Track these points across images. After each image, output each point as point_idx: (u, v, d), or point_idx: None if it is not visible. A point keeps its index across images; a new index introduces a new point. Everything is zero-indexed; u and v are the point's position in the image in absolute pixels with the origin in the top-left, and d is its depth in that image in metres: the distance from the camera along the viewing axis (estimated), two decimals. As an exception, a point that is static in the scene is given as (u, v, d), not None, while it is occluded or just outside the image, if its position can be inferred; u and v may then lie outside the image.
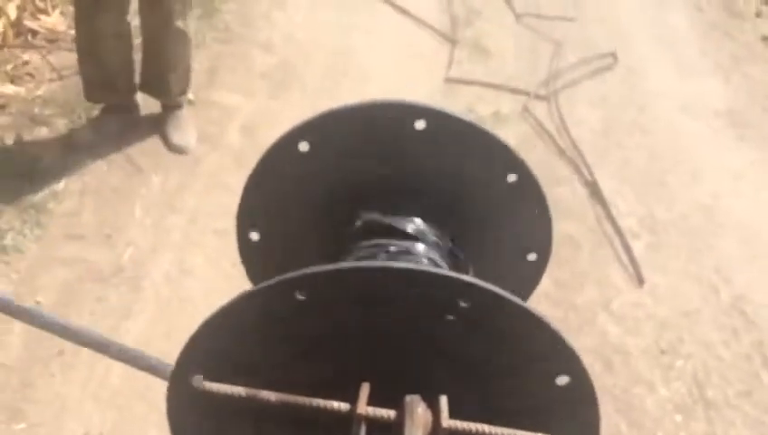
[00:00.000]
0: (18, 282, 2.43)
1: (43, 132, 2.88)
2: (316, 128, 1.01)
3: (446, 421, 0.77)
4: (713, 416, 2.43)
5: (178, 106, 3.10)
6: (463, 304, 0.77)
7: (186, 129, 3.10)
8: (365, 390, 0.80)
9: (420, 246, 1.04)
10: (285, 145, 1.02)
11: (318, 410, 0.79)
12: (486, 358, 0.82)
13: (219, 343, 0.82)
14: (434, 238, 1.07)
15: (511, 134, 3.58)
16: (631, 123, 3.75)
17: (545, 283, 3.11)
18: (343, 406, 0.78)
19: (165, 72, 2.97)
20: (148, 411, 2.06)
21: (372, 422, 0.78)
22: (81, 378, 2.17)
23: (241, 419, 0.85)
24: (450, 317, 0.79)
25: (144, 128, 3.10)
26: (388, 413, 0.78)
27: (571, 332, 2.65)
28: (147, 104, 3.14)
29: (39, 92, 3.25)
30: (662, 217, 3.23)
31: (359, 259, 1.01)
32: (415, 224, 1.06)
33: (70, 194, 2.77)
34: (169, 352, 2.33)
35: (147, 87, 3.06)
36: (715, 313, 2.81)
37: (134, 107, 3.11)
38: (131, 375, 2.18)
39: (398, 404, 0.79)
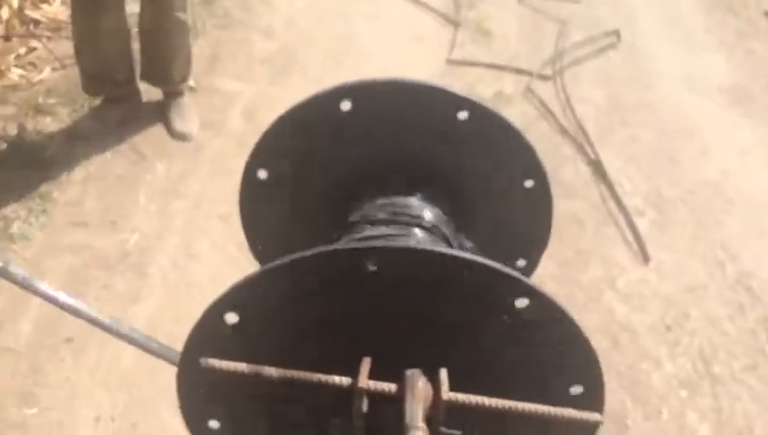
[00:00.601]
0: (26, 269, 2.44)
1: (46, 122, 2.88)
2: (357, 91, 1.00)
3: (447, 394, 0.78)
4: (719, 391, 2.43)
5: (180, 93, 3.10)
6: (465, 281, 0.78)
7: (188, 116, 3.10)
8: (366, 364, 0.80)
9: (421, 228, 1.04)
10: (326, 101, 1.00)
11: (320, 385, 0.80)
12: (481, 327, 0.82)
13: (226, 326, 0.83)
14: (439, 221, 1.07)
15: (514, 114, 3.56)
16: (636, 101, 3.73)
17: (550, 262, 3.09)
18: (345, 380, 0.79)
19: (166, 61, 2.97)
20: (159, 394, 2.08)
21: (374, 396, 0.79)
22: (90, 363, 2.18)
23: (250, 400, 0.86)
24: (452, 293, 0.79)
25: (146, 116, 3.10)
26: (389, 386, 0.79)
27: (576, 310, 2.66)
28: (148, 92, 3.15)
29: (42, 82, 3.26)
30: (668, 194, 3.22)
31: (359, 239, 1.02)
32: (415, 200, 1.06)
33: (74, 182, 2.78)
34: (178, 335, 2.35)
35: (148, 76, 3.06)
36: (721, 289, 2.80)
37: (135, 95, 3.10)
38: (141, 359, 2.21)
39: (399, 379, 0.80)
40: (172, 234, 2.66)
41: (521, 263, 1.14)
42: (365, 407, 0.79)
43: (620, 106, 3.69)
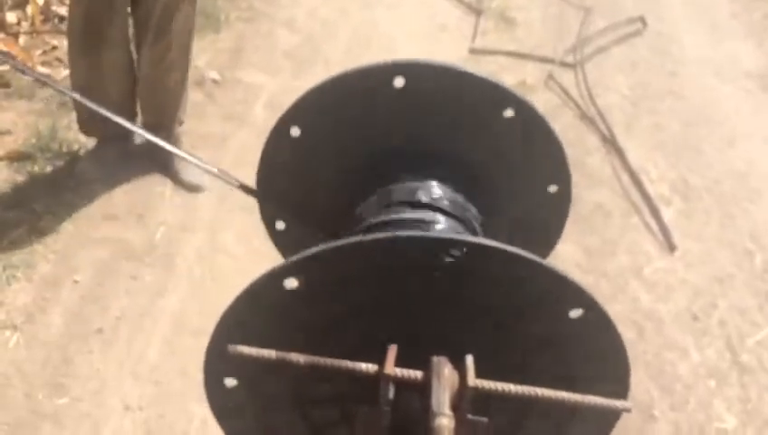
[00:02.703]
0: (55, 262, 2.49)
1: (74, 118, 2.90)
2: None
3: (473, 381, 0.78)
4: (747, 381, 2.41)
5: (177, 139, 2.84)
6: (491, 268, 0.78)
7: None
8: (392, 351, 0.81)
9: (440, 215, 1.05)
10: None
11: (347, 371, 0.80)
12: (508, 311, 0.83)
13: (253, 316, 0.84)
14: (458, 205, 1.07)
15: (537, 103, 3.55)
16: (662, 89, 3.69)
17: (576, 250, 3.07)
18: (371, 367, 0.80)
19: (163, 105, 2.77)
20: (187, 387, 2.10)
21: (400, 383, 0.80)
22: (119, 354, 2.22)
23: (277, 382, 0.87)
24: (478, 277, 0.80)
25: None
26: (416, 374, 0.80)
27: (602, 300, 2.64)
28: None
29: (68, 78, 3.29)
30: (694, 182, 3.18)
31: (396, 223, 1.02)
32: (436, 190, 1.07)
33: (103, 176, 2.81)
34: (204, 328, 2.39)
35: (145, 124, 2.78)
36: (749, 278, 2.77)
37: (131, 136, 2.84)
38: (170, 352, 2.25)
39: (425, 365, 0.80)
40: (197, 226, 2.69)
41: (553, 189, 1.14)
42: (391, 394, 0.80)
43: (645, 94, 3.65)
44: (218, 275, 2.50)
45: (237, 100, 3.31)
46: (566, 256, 2.61)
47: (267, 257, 1.10)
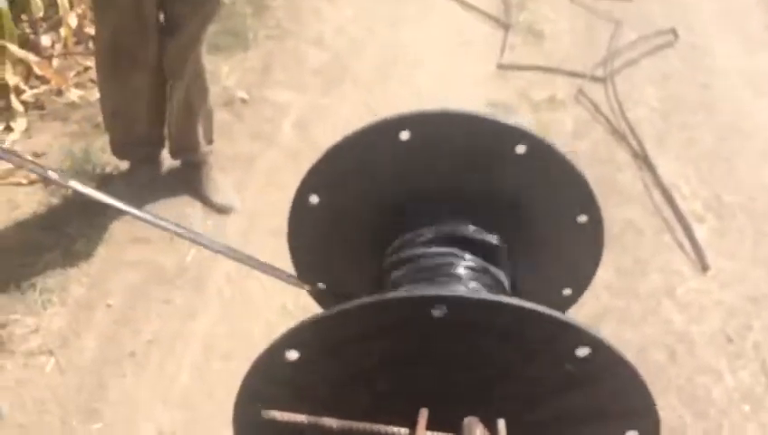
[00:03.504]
0: (89, 285, 2.54)
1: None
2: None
3: None
4: (784, 406, 2.36)
5: (205, 162, 2.88)
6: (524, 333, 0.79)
7: (222, 186, 2.89)
8: (423, 415, 0.81)
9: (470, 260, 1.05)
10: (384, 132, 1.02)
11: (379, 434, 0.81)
12: (539, 373, 0.83)
13: (266, 387, 0.84)
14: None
15: (567, 119, 3.53)
16: (694, 102, 3.64)
17: (607, 271, 3.04)
18: (403, 431, 0.80)
19: (188, 125, 2.76)
20: (218, 412, 2.12)
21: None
22: (151, 379, 2.25)
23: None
24: (512, 343, 0.80)
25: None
26: None
27: (633, 322, 2.62)
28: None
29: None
30: (728, 199, 3.13)
31: (415, 275, 1.03)
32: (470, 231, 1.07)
33: (134, 198, 2.86)
34: (233, 352, 2.41)
35: (173, 149, 2.88)
36: (786, 299, 2.72)
37: (160, 161, 2.93)
38: (200, 376, 2.28)
39: (455, 427, 0.80)
40: (227, 249, 2.71)
41: (566, 292, 1.14)
42: None
43: (677, 107, 3.60)
44: (247, 299, 2.52)
45: (265, 118, 3.34)
46: (596, 277, 2.58)
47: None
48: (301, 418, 0.82)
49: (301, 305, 2.34)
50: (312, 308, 1.15)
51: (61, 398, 2.18)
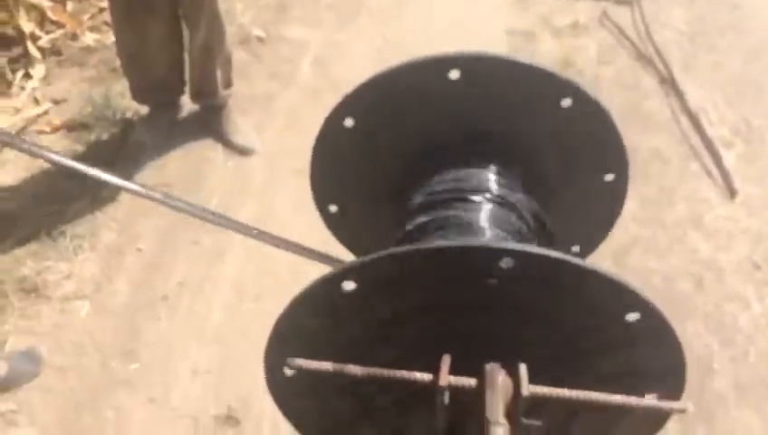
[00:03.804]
0: (118, 231, 2.57)
1: (126, 84, 2.94)
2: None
3: (527, 390, 0.79)
4: (811, 332, 2.36)
5: (225, 105, 2.88)
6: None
7: (243, 128, 2.89)
8: (446, 361, 0.82)
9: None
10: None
11: (402, 381, 0.82)
12: (561, 316, 0.83)
13: (309, 318, 0.86)
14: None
15: (590, 45, 3.44)
16: (723, 24, 3.52)
17: (632, 201, 3.02)
18: (426, 377, 0.81)
19: (207, 69, 2.75)
20: (251, 349, 2.17)
21: (454, 390, 0.82)
22: (184, 320, 2.31)
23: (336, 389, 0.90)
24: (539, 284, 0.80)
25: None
26: (470, 382, 0.81)
27: (660, 252, 2.61)
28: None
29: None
30: (757, 123, 3.06)
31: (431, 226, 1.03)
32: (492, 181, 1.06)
33: (156, 143, 2.87)
34: (261, 292, 2.43)
35: (191, 94, 2.88)
36: (816, 223, 2.68)
37: (180, 105, 2.94)
38: (231, 316, 2.32)
39: (477, 371, 0.82)
40: (250, 191, 2.73)
41: (575, 248, 1.15)
42: (447, 399, 0.82)
43: (705, 29, 3.49)
44: (274, 239, 2.55)
45: (283, 57, 3.30)
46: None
47: (318, 221, 1.14)
48: (326, 365, 0.84)
49: (324, 245, 2.35)
50: (335, 246, 1.17)
51: (98, 341, 2.25)
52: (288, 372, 0.90)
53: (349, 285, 0.83)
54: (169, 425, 2.07)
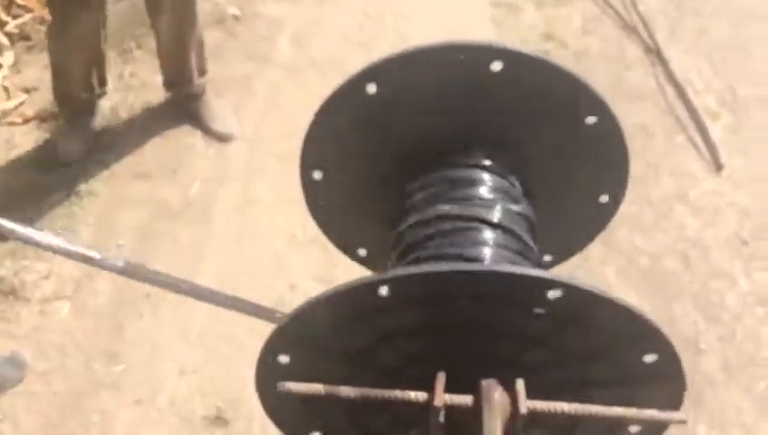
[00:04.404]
0: (96, 226, 2.52)
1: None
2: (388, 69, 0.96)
3: (524, 407, 0.77)
4: (798, 309, 2.37)
5: (202, 92, 2.79)
6: (551, 297, 0.78)
7: (222, 113, 2.81)
8: (441, 379, 0.80)
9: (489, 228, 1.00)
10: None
11: (397, 401, 0.80)
12: (573, 344, 0.82)
13: (306, 331, 0.84)
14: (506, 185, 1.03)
15: (574, 15, 3.37)
16: (708, -13, 3.45)
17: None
18: (421, 396, 0.79)
19: (180, 57, 2.66)
20: (237, 347, 2.15)
21: (450, 408, 0.79)
22: (168, 319, 2.27)
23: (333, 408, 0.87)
24: (538, 311, 0.79)
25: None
26: (466, 400, 0.79)
27: (646, 229, 2.59)
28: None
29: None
30: (744, 92, 3.02)
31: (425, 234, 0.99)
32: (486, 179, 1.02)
33: (131, 131, 2.80)
34: (244, 287, 2.37)
35: (168, 84, 2.80)
36: (803, 196, 2.67)
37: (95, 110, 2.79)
38: (215, 316, 2.29)
39: (473, 388, 0.79)
40: (231, 178, 2.67)
41: (547, 258, 1.12)
42: (442, 418, 0.79)
43: (691, -6, 3.42)
44: (255, 230, 2.50)
45: (260, 36, 3.20)
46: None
47: (302, 207, 1.09)
48: (317, 388, 0.81)
49: (309, 236, 2.32)
50: (321, 240, 1.13)
51: (80, 342, 2.21)
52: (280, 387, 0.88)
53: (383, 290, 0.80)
54: (157, 427, 2.05)
